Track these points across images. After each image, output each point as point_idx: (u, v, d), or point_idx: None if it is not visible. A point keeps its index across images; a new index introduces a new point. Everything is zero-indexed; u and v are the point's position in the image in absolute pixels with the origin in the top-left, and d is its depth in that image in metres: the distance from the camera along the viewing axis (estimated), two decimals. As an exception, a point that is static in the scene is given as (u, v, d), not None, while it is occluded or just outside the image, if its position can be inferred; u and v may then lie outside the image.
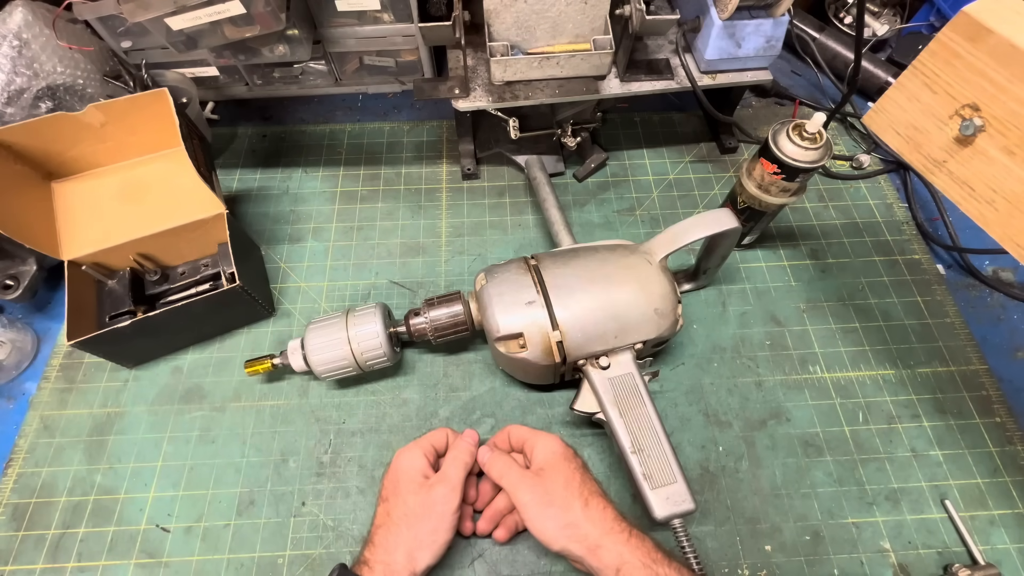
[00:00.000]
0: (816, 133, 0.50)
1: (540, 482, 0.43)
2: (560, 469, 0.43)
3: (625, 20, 0.55)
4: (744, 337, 0.60)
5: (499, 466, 0.45)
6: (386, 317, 0.54)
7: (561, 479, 0.42)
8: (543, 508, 0.41)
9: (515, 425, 0.49)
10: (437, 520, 0.43)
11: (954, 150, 0.42)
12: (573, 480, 0.42)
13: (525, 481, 0.43)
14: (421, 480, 0.44)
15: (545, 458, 0.44)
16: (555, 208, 0.61)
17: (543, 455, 0.44)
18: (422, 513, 0.43)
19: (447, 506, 0.43)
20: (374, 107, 0.80)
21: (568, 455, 0.45)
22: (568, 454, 0.45)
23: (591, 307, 0.48)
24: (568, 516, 0.41)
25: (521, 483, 0.43)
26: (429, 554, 0.42)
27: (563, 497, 0.41)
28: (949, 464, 0.53)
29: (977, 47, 0.38)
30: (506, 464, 0.45)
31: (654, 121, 0.77)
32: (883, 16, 0.87)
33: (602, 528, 0.40)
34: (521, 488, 0.43)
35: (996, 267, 0.66)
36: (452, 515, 0.43)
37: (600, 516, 0.40)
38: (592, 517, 0.40)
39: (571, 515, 0.41)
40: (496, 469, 0.45)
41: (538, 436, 0.46)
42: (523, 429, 0.48)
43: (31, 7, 0.55)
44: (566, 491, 0.42)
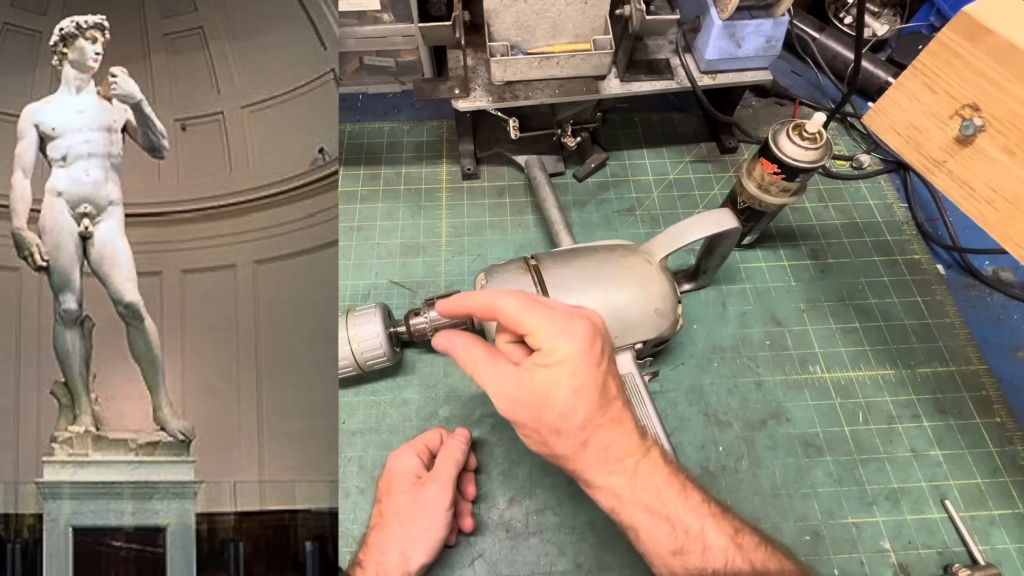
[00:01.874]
0: (816, 133, 0.50)
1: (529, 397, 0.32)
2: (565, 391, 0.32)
3: (625, 20, 0.55)
4: (744, 337, 0.60)
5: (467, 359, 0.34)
6: (386, 317, 0.54)
7: (561, 405, 0.31)
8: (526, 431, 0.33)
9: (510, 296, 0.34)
10: (430, 518, 0.42)
11: (954, 150, 0.42)
12: (581, 405, 0.32)
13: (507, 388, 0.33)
14: (413, 480, 0.44)
15: (553, 364, 0.32)
16: (555, 208, 0.61)
17: (554, 359, 0.32)
18: (414, 512, 0.42)
19: (439, 504, 0.43)
20: (374, 107, 0.80)
21: (591, 360, 0.32)
22: (591, 358, 0.32)
23: (591, 307, 0.48)
24: (555, 449, 0.33)
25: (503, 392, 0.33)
26: (423, 553, 0.41)
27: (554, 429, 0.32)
28: (949, 464, 0.53)
29: (977, 47, 0.38)
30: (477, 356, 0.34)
31: (654, 121, 0.77)
32: (883, 16, 0.87)
33: (600, 468, 0.32)
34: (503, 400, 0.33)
35: (996, 267, 0.66)
36: (445, 512, 0.43)
37: (599, 458, 0.32)
38: (586, 459, 0.32)
39: (560, 449, 0.32)
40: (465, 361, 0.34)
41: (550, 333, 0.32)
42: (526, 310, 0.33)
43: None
44: (563, 422, 0.32)
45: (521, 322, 0.33)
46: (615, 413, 0.33)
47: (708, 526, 0.31)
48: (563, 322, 0.33)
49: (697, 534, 0.31)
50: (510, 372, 0.33)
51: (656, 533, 0.31)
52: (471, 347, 0.35)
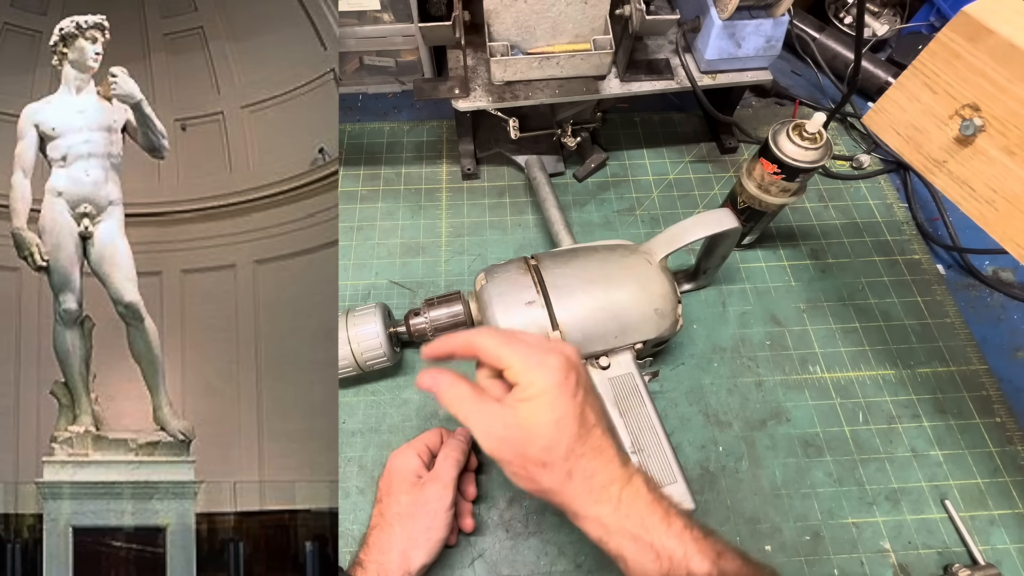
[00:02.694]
0: (816, 133, 0.50)
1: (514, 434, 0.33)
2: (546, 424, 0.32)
3: (625, 20, 0.55)
4: (744, 337, 0.60)
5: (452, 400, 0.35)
6: (386, 317, 0.54)
7: (544, 438, 0.32)
8: (513, 468, 0.33)
9: (487, 333, 0.35)
10: (430, 518, 0.42)
11: (954, 150, 0.42)
12: (562, 437, 0.32)
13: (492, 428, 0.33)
14: (414, 480, 0.44)
15: (531, 398, 0.33)
16: (555, 208, 0.61)
17: (531, 393, 0.33)
18: (415, 512, 0.42)
19: (440, 503, 0.43)
20: (374, 107, 0.80)
21: (566, 392, 0.33)
22: (567, 390, 0.33)
23: (591, 307, 0.48)
24: (543, 483, 0.33)
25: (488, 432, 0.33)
26: (423, 552, 0.41)
27: (540, 463, 0.32)
28: (949, 464, 0.53)
29: (977, 47, 0.38)
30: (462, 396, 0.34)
31: (654, 121, 0.77)
32: (883, 16, 0.87)
33: (586, 499, 0.33)
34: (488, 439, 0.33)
35: (996, 267, 0.66)
36: (445, 512, 0.43)
37: (585, 486, 0.32)
38: (573, 490, 0.33)
39: (547, 482, 0.33)
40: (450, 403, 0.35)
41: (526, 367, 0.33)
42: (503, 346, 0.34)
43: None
44: (547, 455, 0.32)
45: (499, 356, 0.34)
46: (595, 442, 0.33)
47: (691, 551, 0.32)
48: (538, 356, 0.34)
49: (680, 560, 0.31)
50: (494, 410, 0.34)
51: (642, 560, 0.32)
52: (456, 386, 0.35)
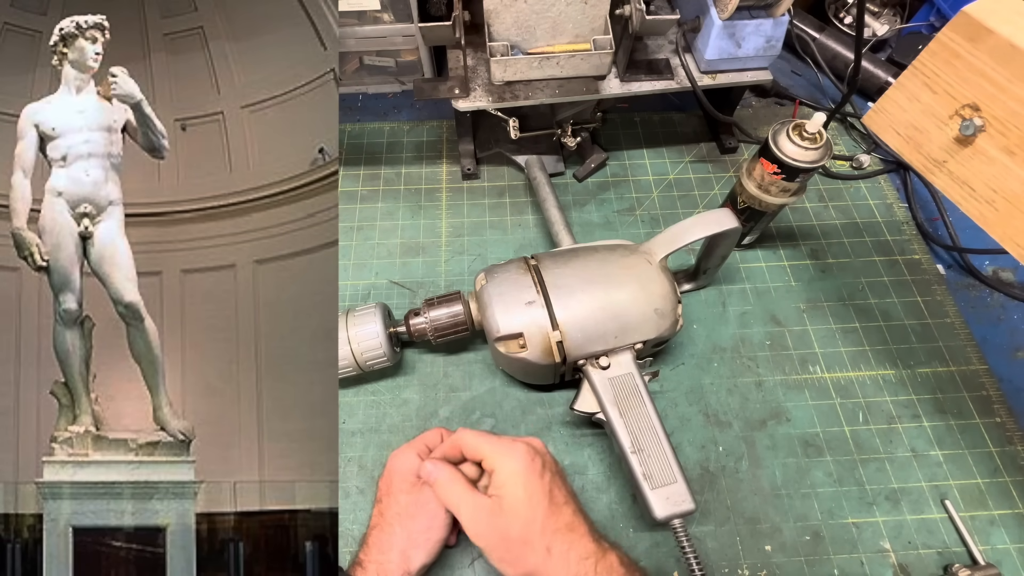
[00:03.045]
0: (816, 133, 0.50)
1: (496, 521, 0.38)
2: (521, 501, 0.38)
3: (625, 20, 0.55)
4: (744, 337, 0.60)
5: (448, 494, 0.41)
6: (386, 317, 0.54)
7: (521, 517, 0.38)
8: (500, 553, 0.38)
9: (466, 432, 0.43)
10: (430, 518, 0.42)
11: (954, 150, 0.42)
12: (534, 519, 0.38)
13: (479, 518, 0.39)
14: (414, 480, 0.44)
15: (503, 483, 0.39)
16: (555, 208, 0.61)
17: (502, 479, 0.39)
18: (415, 512, 0.42)
19: (439, 503, 0.42)
20: (374, 107, 0.80)
21: (533, 476, 0.39)
22: (533, 474, 0.39)
23: (591, 307, 0.48)
24: (527, 563, 0.37)
25: (475, 521, 0.39)
26: (423, 552, 0.41)
27: (520, 543, 0.37)
28: (949, 464, 0.53)
29: (977, 47, 0.38)
30: (457, 492, 0.40)
31: (654, 121, 0.77)
32: (883, 16, 0.87)
33: (566, 572, 0.37)
34: (475, 527, 0.39)
35: (996, 267, 0.66)
36: (445, 513, 0.42)
37: (563, 560, 0.37)
38: (555, 564, 0.37)
39: (531, 561, 0.37)
40: (446, 496, 0.41)
41: (496, 453, 0.40)
42: (478, 440, 0.42)
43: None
44: (525, 533, 0.37)
45: (476, 447, 0.42)
46: (567, 519, 0.39)
47: None
48: (505, 445, 0.41)
49: None
50: (480, 502, 0.40)
51: None
52: (452, 482, 0.41)
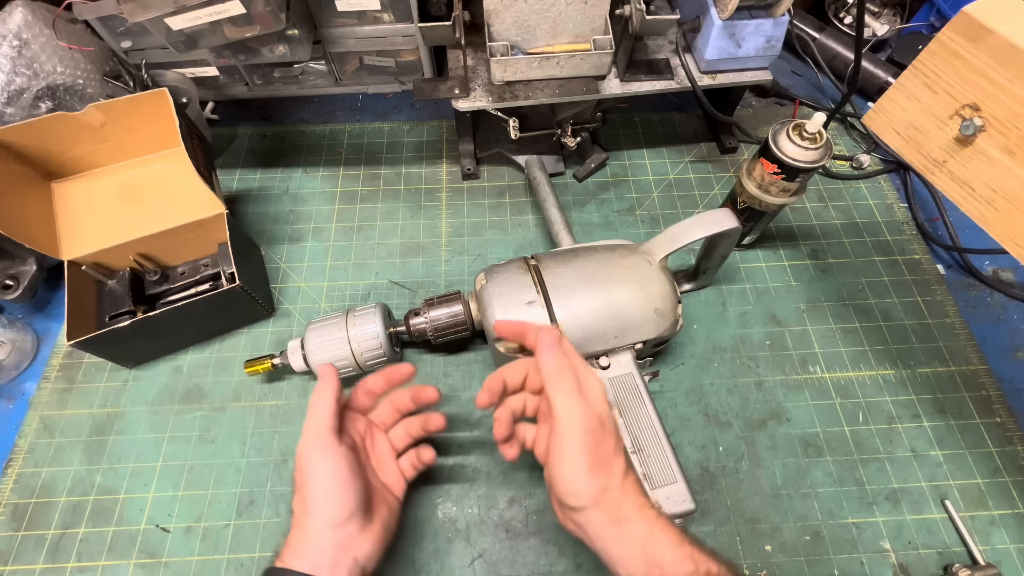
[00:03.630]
0: (816, 133, 0.50)
1: (598, 430, 0.36)
2: (612, 421, 0.38)
3: (625, 20, 0.55)
4: (744, 337, 0.60)
5: (565, 383, 0.37)
6: (386, 317, 0.54)
7: (614, 434, 0.37)
8: (590, 461, 0.36)
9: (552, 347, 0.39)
10: (310, 477, 0.38)
11: (954, 150, 0.42)
12: (621, 439, 0.38)
13: (586, 420, 0.36)
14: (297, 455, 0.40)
15: (599, 400, 0.38)
16: (555, 208, 0.61)
17: (598, 396, 0.38)
18: (298, 481, 0.39)
19: (313, 455, 0.38)
20: (374, 107, 0.80)
21: (612, 413, 0.39)
22: (610, 411, 0.39)
23: (591, 307, 0.48)
24: (607, 480, 0.36)
25: (580, 421, 0.36)
26: (319, 513, 0.37)
27: (612, 457, 0.36)
28: (949, 464, 0.53)
29: (977, 47, 0.38)
30: (571, 387, 0.37)
31: (654, 121, 0.77)
32: (883, 16, 0.87)
33: (633, 502, 0.36)
34: (577, 428, 0.36)
35: (996, 267, 0.66)
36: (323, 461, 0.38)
37: (634, 488, 0.37)
38: (627, 487, 0.36)
39: (610, 479, 0.36)
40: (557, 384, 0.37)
41: (585, 371, 0.39)
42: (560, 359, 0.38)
43: (31, 7, 0.55)
44: (616, 450, 0.37)
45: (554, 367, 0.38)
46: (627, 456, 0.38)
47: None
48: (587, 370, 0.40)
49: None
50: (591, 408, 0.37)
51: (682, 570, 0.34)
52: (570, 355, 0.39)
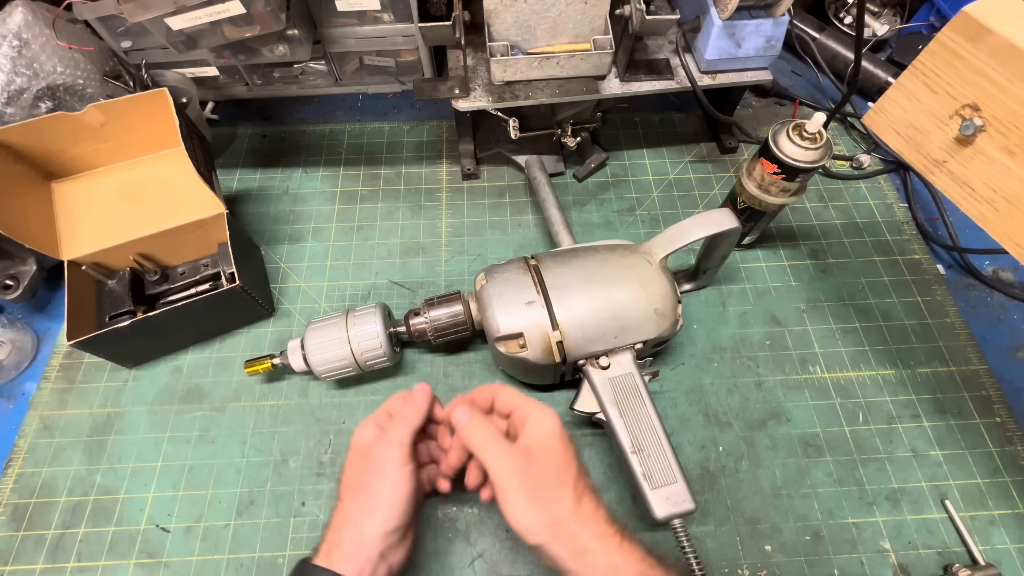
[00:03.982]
0: (816, 133, 0.50)
1: (529, 465, 0.36)
2: (555, 453, 0.37)
3: (625, 20, 0.55)
4: (744, 337, 0.60)
5: (479, 436, 0.38)
6: (386, 317, 0.54)
7: (555, 466, 0.37)
8: (528, 497, 0.36)
9: (504, 386, 0.43)
10: (379, 483, 0.39)
11: (954, 150, 0.42)
12: (568, 469, 0.37)
13: (510, 461, 0.37)
14: (365, 450, 0.41)
15: (539, 435, 0.38)
16: (555, 208, 0.61)
17: (536, 431, 0.38)
18: (361, 479, 0.39)
19: (387, 464, 0.39)
20: (374, 107, 0.80)
21: (566, 437, 0.39)
22: (566, 436, 0.39)
23: (591, 307, 0.48)
24: (556, 512, 0.35)
25: (505, 463, 0.37)
26: (379, 519, 0.38)
27: (554, 489, 0.36)
28: (949, 464, 0.53)
29: (977, 47, 0.38)
30: (488, 435, 0.38)
31: (654, 121, 0.77)
32: (883, 16, 0.87)
33: (593, 531, 0.35)
34: (503, 469, 0.36)
35: (996, 267, 0.66)
36: (397, 471, 0.39)
37: (592, 516, 0.36)
38: (583, 517, 0.36)
39: (560, 511, 0.35)
40: (475, 439, 0.38)
41: (532, 406, 0.40)
42: (514, 394, 0.42)
43: (31, 7, 0.55)
44: (558, 482, 0.36)
45: (510, 397, 0.41)
46: (593, 485, 0.38)
47: None
48: (540, 403, 0.40)
49: None
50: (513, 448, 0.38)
51: None
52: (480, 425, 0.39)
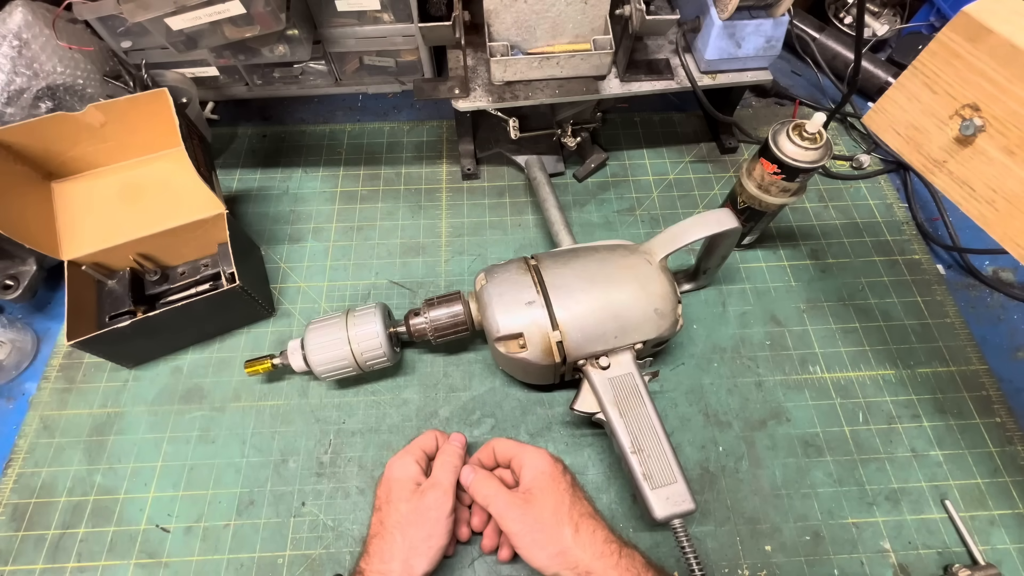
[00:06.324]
0: (816, 133, 0.50)
1: (529, 508, 0.42)
2: (549, 491, 0.42)
3: (625, 20, 0.55)
4: (744, 337, 0.60)
5: (484, 491, 0.44)
6: (386, 317, 0.54)
7: (551, 503, 0.42)
8: (533, 536, 0.41)
9: (499, 439, 0.48)
10: (431, 526, 0.42)
11: (954, 150, 0.42)
12: (563, 503, 0.42)
13: (513, 508, 0.42)
14: (413, 487, 0.44)
15: (533, 478, 0.43)
16: (555, 208, 0.61)
17: (531, 474, 0.44)
18: (415, 520, 0.43)
19: (440, 511, 0.43)
20: (374, 107, 0.80)
21: (557, 473, 0.44)
22: (557, 472, 0.44)
23: (591, 307, 0.48)
24: (559, 543, 0.40)
25: (509, 511, 0.42)
26: (425, 560, 0.42)
27: (553, 524, 0.41)
28: (949, 464, 0.53)
29: (977, 47, 0.38)
30: (492, 489, 0.44)
31: (654, 121, 0.77)
32: (883, 16, 0.87)
33: (592, 552, 0.40)
34: (509, 516, 0.42)
35: (996, 267, 0.66)
36: (446, 520, 0.43)
37: (590, 540, 0.40)
38: (582, 542, 0.40)
39: (562, 542, 0.40)
40: (481, 494, 0.44)
41: (525, 452, 0.45)
42: (508, 444, 0.47)
43: (31, 7, 0.55)
44: (555, 516, 0.41)
45: (507, 448, 0.47)
46: (589, 509, 0.43)
47: None
48: (532, 447, 0.46)
49: None
50: (515, 497, 0.43)
51: None
52: (488, 481, 0.45)
